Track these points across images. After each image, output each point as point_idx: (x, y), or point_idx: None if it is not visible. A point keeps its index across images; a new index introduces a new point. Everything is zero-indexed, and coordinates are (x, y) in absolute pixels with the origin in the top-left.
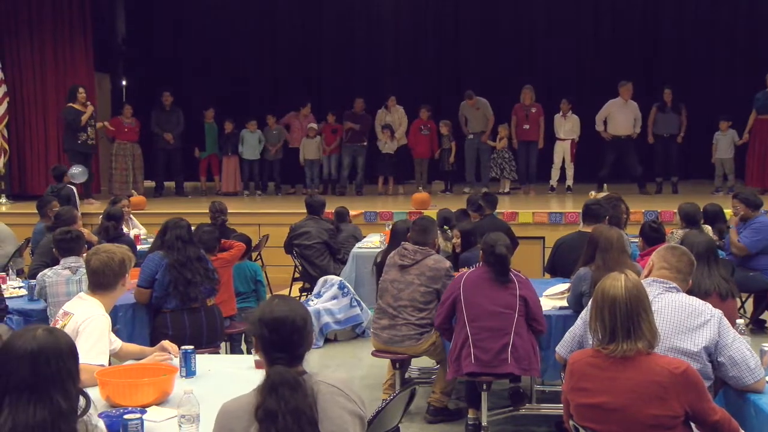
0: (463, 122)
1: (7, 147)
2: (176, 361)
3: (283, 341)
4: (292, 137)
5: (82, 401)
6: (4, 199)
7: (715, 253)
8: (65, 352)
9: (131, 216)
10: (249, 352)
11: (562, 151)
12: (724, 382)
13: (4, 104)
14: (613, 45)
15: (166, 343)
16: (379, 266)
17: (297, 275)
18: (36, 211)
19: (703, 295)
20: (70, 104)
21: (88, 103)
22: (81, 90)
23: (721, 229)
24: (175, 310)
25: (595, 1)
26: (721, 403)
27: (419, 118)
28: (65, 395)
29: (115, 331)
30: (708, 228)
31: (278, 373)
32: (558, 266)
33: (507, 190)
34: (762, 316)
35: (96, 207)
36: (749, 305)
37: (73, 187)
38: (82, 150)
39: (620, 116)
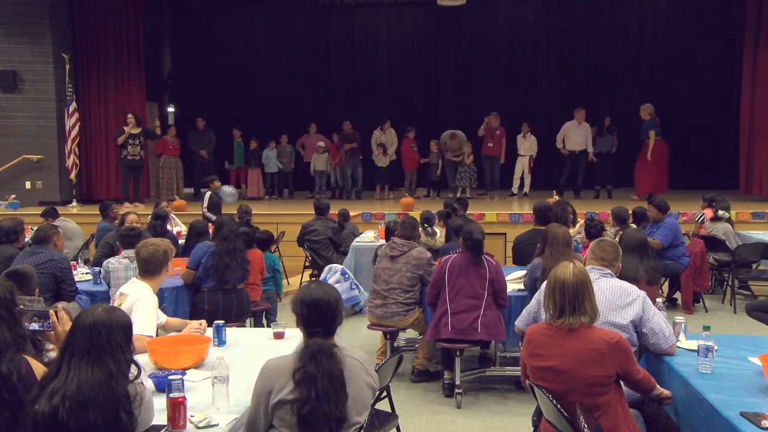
0: (443, 148)
1: (78, 162)
2: (210, 333)
3: (318, 318)
4: (306, 153)
5: (133, 369)
6: (75, 203)
7: (647, 248)
8: (116, 327)
9: (174, 216)
10: (268, 326)
11: (522, 164)
12: (646, 347)
13: (76, 128)
14: (562, 81)
15: (195, 322)
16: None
17: (307, 264)
18: (99, 213)
19: (634, 280)
20: (124, 128)
21: (128, 125)
22: (129, 116)
23: (644, 227)
24: (212, 290)
25: (547, 45)
26: (643, 365)
27: (407, 138)
28: (116, 361)
29: (162, 308)
30: (633, 226)
31: (316, 343)
32: (517, 257)
33: (468, 195)
34: (674, 296)
35: (142, 209)
36: (665, 287)
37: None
38: (128, 163)
39: (575, 135)
